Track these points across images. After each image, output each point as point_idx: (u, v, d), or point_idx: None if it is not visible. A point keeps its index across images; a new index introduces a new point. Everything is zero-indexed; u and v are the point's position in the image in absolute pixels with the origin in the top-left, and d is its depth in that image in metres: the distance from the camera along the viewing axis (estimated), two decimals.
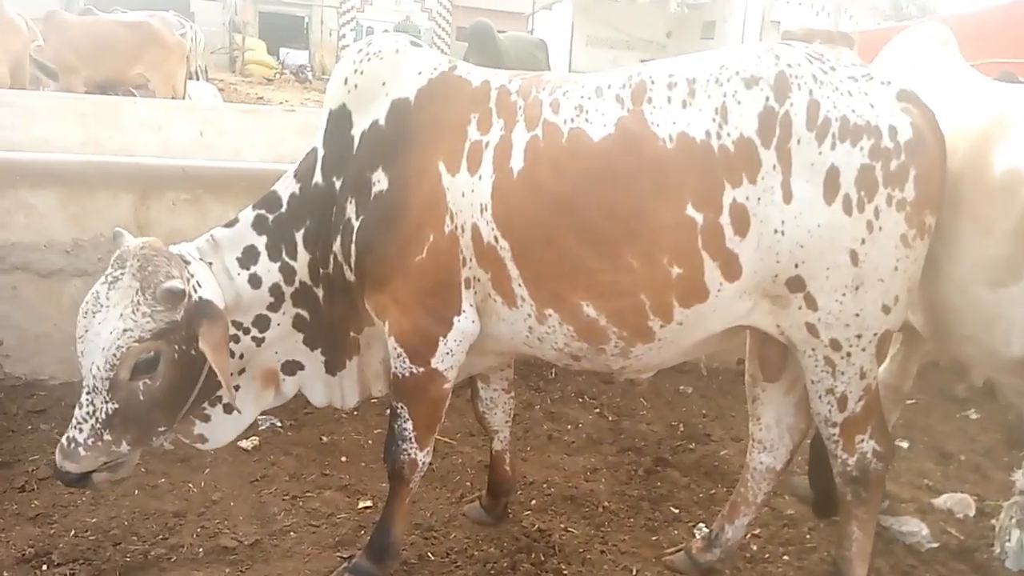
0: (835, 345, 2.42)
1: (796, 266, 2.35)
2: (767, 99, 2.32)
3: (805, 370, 2.51)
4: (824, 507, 3.02)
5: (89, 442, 2.31)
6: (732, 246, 2.31)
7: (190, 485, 3.18)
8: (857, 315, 2.38)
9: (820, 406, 2.52)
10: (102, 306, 2.28)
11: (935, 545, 3.16)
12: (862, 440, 2.53)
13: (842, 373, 2.45)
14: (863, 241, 2.33)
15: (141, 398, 2.33)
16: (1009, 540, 3.10)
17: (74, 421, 2.32)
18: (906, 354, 3.24)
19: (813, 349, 2.44)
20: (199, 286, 2.41)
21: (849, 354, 2.42)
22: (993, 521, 3.28)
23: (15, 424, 3.47)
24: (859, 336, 2.41)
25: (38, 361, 3.66)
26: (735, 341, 2.72)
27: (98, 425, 2.31)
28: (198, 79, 11.35)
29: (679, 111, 2.33)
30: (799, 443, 2.82)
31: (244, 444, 3.44)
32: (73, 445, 2.32)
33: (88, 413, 2.31)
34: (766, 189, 2.30)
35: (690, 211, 2.29)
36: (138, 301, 2.28)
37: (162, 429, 2.44)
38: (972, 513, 3.41)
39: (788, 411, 2.77)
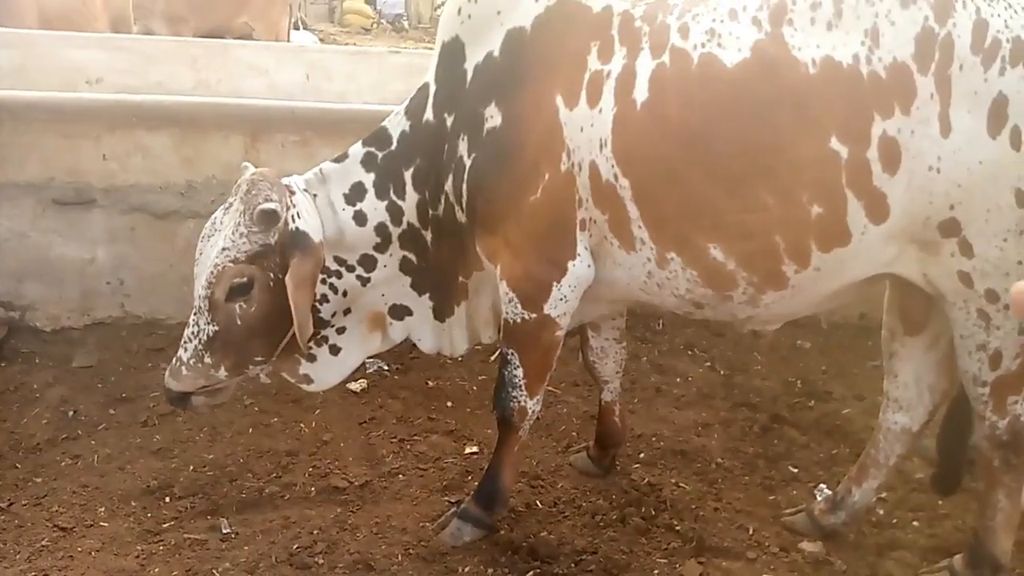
0: (991, 296, 2.18)
1: (951, 208, 2.12)
2: (926, 19, 2.07)
3: (954, 324, 2.28)
4: (945, 483, 2.74)
5: (191, 362, 2.39)
6: (880, 184, 2.10)
7: (302, 425, 3.22)
8: (1020, 263, 2.14)
9: (969, 363, 2.29)
10: (216, 230, 2.36)
11: None
12: (1016, 401, 2.30)
13: (997, 328, 2.21)
14: None
15: (238, 322, 2.36)
16: None
17: (182, 340, 2.40)
18: None
19: (965, 301, 2.21)
20: (298, 217, 2.39)
21: (1007, 306, 2.18)
22: None
23: (136, 361, 3.60)
24: None
25: (156, 301, 3.77)
26: (871, 292, 2.51)
27: (200, 346, 2.38)
28: (298, 29, 11.49)
29: (824, 33, 2.11)
30: (939, 404, 2.60)
31: (353, 386, 3.46)
32: (178, 364, 2.41)
33: (193, 333, 2.38)
34: (921, 121, 2.07)
35: (834, 144, 2.08)
36: (239, 223, 2.34)
37: (259, 359, 2.46)
38: None
39: (929, 369, 2.54)
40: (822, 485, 2.97)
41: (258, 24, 8.95)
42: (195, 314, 2.38)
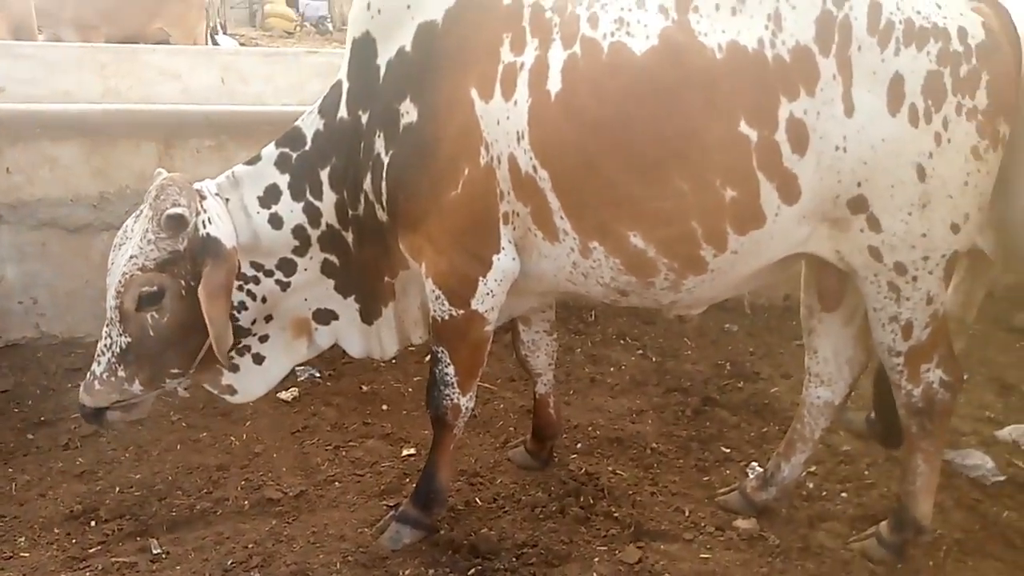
0: (900, 269, 2.26)
1: (859, 185, 2.19)
2: (824, 2, 2.14)
3: (867, 297, 2.36)
4: (890, 436, 2.85)
5: (104, 376, 2.34)
6: (790, 165, 2.16)
7: (232, 438, 3.14)
8: (924, 235, 2.23)
9: (883, 335, 2.37)
10: (127, 238, 2.31)
11: (1001, 478, 3.03)
12: (928, 369, 2.39)
13: (907, 299, 2.30)
14: (930, 155, 2.17)
15: (151, 333, 2.31)
16: None
17: (96, 354, 2.35)
18: (971, 282, 3.08)
19: (876, 275, 2.29)
20: (209, 222, 2.33)
21: (915, 278, 2.27)
22: None
23: (55, 383, 3.46)
24: (926, 258, 2.26)
25: (72, 319, 3.63)
26: (788, 272, 2.58)
27: (113, 359, 2.33)
28: (217, 34, 11.20)
29: (728, 19, 2.16)
30: (858, 376, 2.69)
31: (284, 395, 3.40)
32: (91, 378, 2.36)
33: (105, 346, 2.34)
34: (826, 101, 2.13)
35: (743, 128, 2.13)
36: (147, 229, 2.29)
37: (176, 371, 2.40)
38: None
39: (847, 343, 2.63)
40: (754, 463, 3.04)
41: (174, 30, 8.67)
42: (107, 326, 2.33)
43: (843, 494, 2.93)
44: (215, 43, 9.78)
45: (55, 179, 3.53)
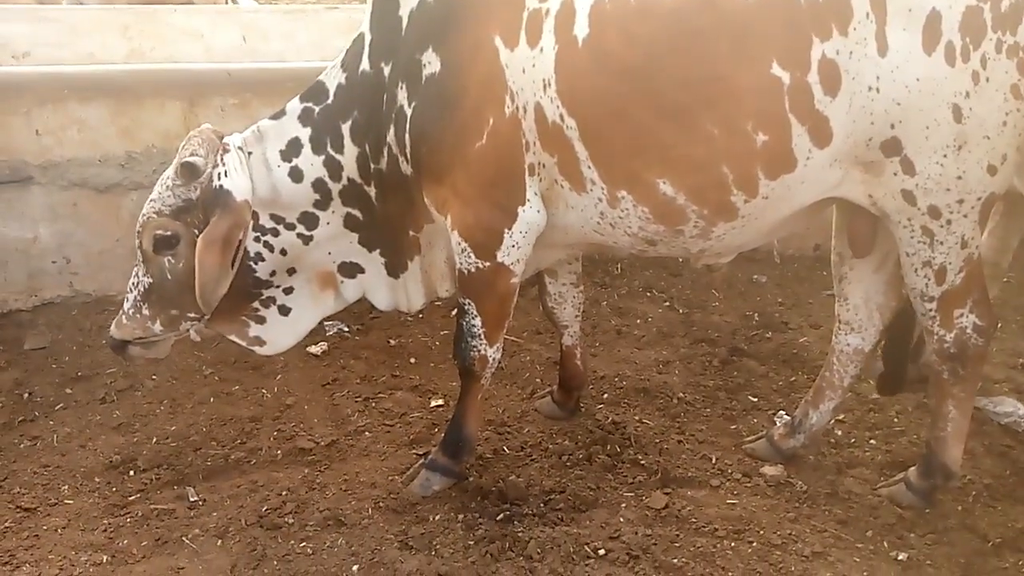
0: (934, 213, 2.23)
1: (892, 127, 2.14)
2: None
3: (899, 242, 2.33)
4: (890, 384, 2.83)
5: (130, 312, 2.48)
6: (822, 108, 2.12)
7: (263, 391, 3.20)
8: (959, 178, 2.18)
9: (916, 280, 2.34)
10: (159, 184, 2.42)
11: None
12: (961, 314, 2.36)
13: (941, 243, 2.26)
14: (967, 95, 2.12)
15: (168, 276, 2.42)
16: None
17: (126, 291, 2.49)
18: (1007, 226, 3.02)
19: (909, 219, 2.26)
20: (225, 175, 2.36)
21: (949, 222, 2.24)
22: None
23: (90, 339, 3.53)
24: (960, 201, 2.21)
25: (105, 277, 3.68)
26: (818, 219, 2.55)
27: (138, 297, 2.46)
28: None
29: None
30: (889, 323, 2.66)
31: (313, 349, 3.44)
32: (120, 312, 2.50)
33: (133, 284, 2.47)
34: (859, 41, 2.08)
35: (775, 70, 2.09)
36: (168, 175, 2.39)
37: (193, 315, 2.49)
38: None
39: (878, 289, 2.60)
40: (781, 412, 3.04)
41: None
42: (136, 265, 2.46)
43: (871, 441, 2.93)
44: (235, 2, 9.71)
45: (83, 140, 3.55)
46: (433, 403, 3.13)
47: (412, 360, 3.44)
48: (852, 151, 2.19)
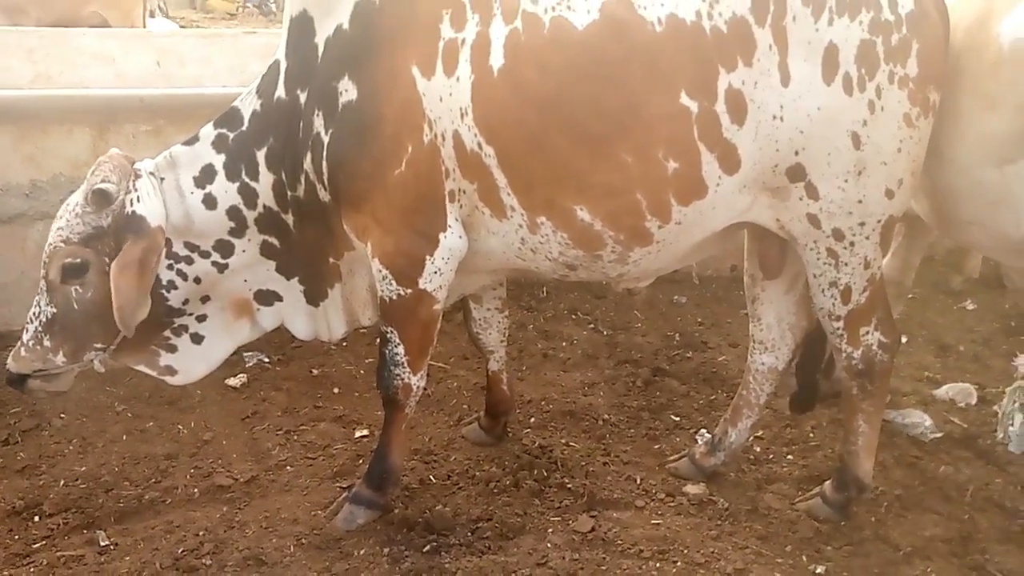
0: (838, 235, 2.32)
1: (796, 153, 2.23)
2: None
3: (807, 264, 2.42)
4: (803, 402, 2.92)
5: (30, 344, 2.39)
6: (730, 136, 2.19)
7: (179, 427, 3.09)
8: (860, 202, 2.29)
9: (823, 300, 2.44)
10: (65, 210, 2.35)
11: (939, 435, 3.15)
12: (867, 332, 2.47)
13: (845, 264, 2.36)
14: (865, 122, 2.22)
15: (75, 306, 2.35)
16: (1012, 424, 3.10)
17: (25, 322, 2.39)
18: (908, 247, 3.17)
19: (815, 241, 2.35)
20: (137, 200, 2.32)
21: (852, 244, 2.34)
22: (995, 408, 3.28)
23: None
24: (862, 224, 2.32)
25: (8, 312, 3.50)
26: (732, 243, 2.63)
27: (39, 328, 2.38)
28: (153, 17, 10.85)
29: None
30: (800, 342, 2.76)
31: (232, 382, 3.34)
32: (19, 344, 2.41)
33: (34, 315, 2.39)
34: (763, 72, 2.17)
35: (684, 100, 2.15)
36: (77, 202, 2.32)
37: (99, 346, 2.43)
38: (974, 401, 3.40)
39: (789, 309, 2.69)
40: (703, 430, 3.10)
41: (110, 13, 8.33)
42: (38, 295, 2.37)
43: (789, 456, 3.01)
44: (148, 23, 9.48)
45: None
46: (358, 433, 3.08)
47: (336, 390, 3.38)
48: (759, 177, 2.27)
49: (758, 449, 3.03)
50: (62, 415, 3.11)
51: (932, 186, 2.55)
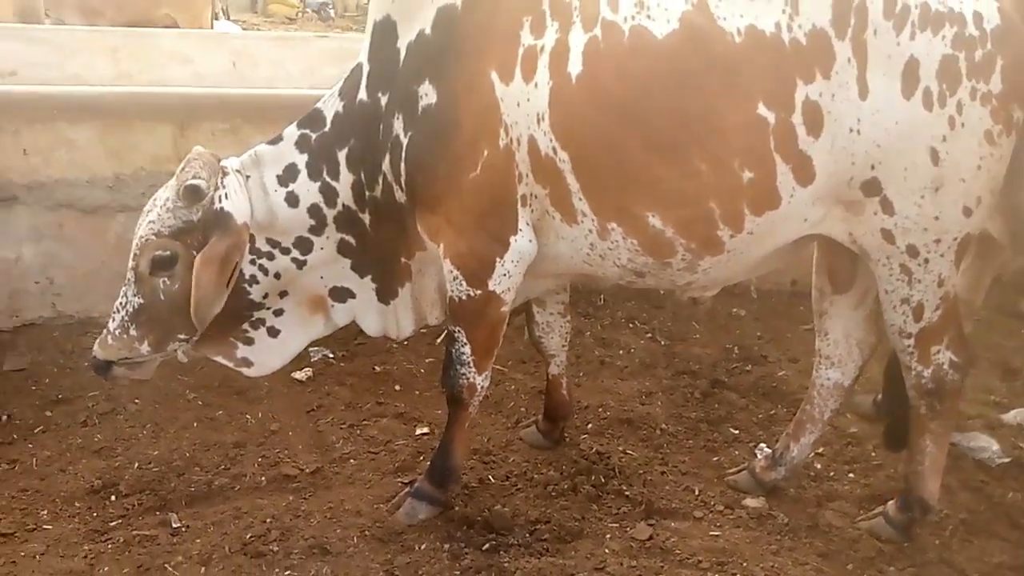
0: (912, 251, 2.30)
1: (872, 167, 2.22)
2: None
3: (879, 280, 2.40)
4: (897, 437, 2.79)
5: (116, 332, 2.47)
6: (805, 147, 2.19)
7: (248, 416, 3.18)
8: (936, 218, 2.26)
9: (895, 317, 2.41)
10: (153, 205, 2.42)
11: (1006, 460, 3.07)
12: (938, 351, 2.43)
13: (919, 281, 2.34)
14: (944, 138, 2.20)
15: (162, 297, 2.42)
16: None
17: (113, 310, 2.47)
18: (980, 266, 3.11)
19: (888, 257, 2.33)
20: (225, 197, 2.40)
21: (927, 260, 2.31)
22: None
23: (72, 361, 3.49)
24: (937, 241, 2.29)
25: (89, 299, 3.65)
26: (800, 254, 2.61)
27: (126, 318, 2.45)
28: (218, 19, 11.16)
29: (747, 3, 2.19)
30: (868, 358, 2.72)
31: (298, 375, 3.43)
32: (105, 332, 2.48)
33: (121, 304, 2.46)
34: (840, 84, 2.17)
35: (761, 110, 2.16)
36: (168, 197, 2.40)
37: (183, 337, 2.49)
38: None
39: (857, 325, 2.66)
40: (762, 444, 3.08)
41: (180, 15, 8.63)
42: (125, 285, 2.44)
43: (850, 475, 2.97)
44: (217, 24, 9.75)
45: (71, 161, 3.54)
46: (419, 431, 3.13)
47: (397, 387, 3.44)
48: (834, 190, 2.26)
49: (819, 466, 3.00)
50: (136, 400, 3.23)
51: (1010, 205, 2.50)
